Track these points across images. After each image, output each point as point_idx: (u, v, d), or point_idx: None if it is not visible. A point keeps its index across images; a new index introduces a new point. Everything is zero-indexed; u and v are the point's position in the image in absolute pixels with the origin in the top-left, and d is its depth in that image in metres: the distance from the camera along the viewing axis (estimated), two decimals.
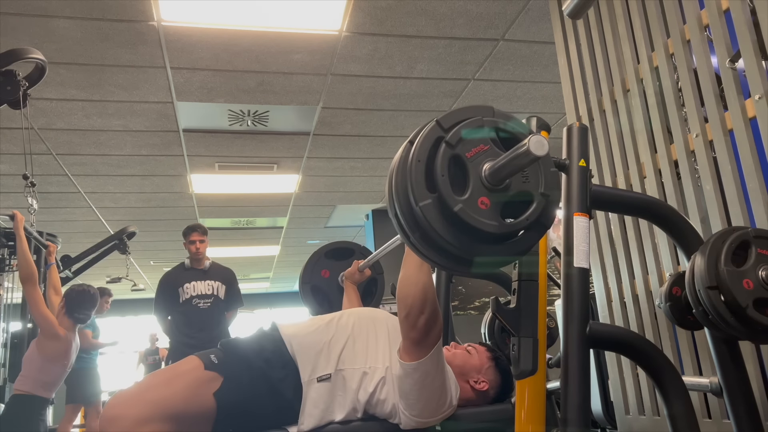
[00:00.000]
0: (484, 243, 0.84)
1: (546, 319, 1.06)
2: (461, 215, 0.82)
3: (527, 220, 0.86)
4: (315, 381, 1.52)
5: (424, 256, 0.89)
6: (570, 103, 2.21)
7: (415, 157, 0.85)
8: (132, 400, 1.40)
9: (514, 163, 0.81)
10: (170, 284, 4.37)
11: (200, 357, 1.51)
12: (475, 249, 0.84)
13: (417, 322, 1.44)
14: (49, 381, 3.22)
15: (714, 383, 1.34)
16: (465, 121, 0.87)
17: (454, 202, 0.82)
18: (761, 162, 1.44)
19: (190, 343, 4.12)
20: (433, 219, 0.82)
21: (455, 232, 0.83)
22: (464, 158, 0.85)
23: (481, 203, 0.83)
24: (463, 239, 0.84)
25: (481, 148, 0.86)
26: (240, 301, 4.55)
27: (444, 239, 0.83)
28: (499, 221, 0.84)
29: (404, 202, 0.85)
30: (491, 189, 0.84)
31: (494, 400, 1.72)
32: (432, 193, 0.83)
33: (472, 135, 0.86)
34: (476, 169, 0.85)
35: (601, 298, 2.02)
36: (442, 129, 0.87)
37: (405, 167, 0.86)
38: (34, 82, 2.86)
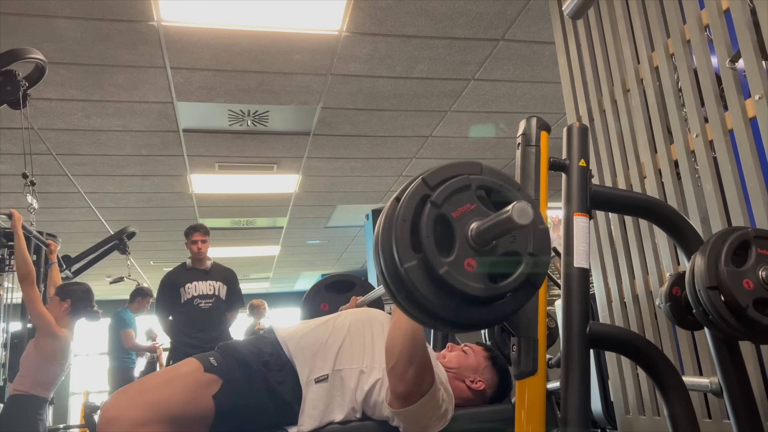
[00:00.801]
0: (471, 305, 0.82)
1: (546, 319, 1.06)
2: (447, 278, 0.79)
3: (515, 282, 0.83)
4: (313, 382, 1.52)
5: (411, 315, 0.87)
6: (570, 103, 2.21)
7: (401, 216, 0.82)
8: (130, 402, 1.39)
9: (498, 229, 0.79)
10: (172, 284, 4.38)
11: (200, 359, 1.51)
12: (461, 311, 0.82)
13: (405, 375, 1.40)
14: (47, 380, 3.22)
15: (714, 383, 1.34)
16: (451, 179, 0.85)
17: (440, 264, 0.80)
18: (761, 162, 1.44)
19: (192, 343, 4.13)
20: (418, 281, 0.80)
21: (441, 294, 0.81)
22: (450, 218, 0.82)
23: (468, 265, 0.81)
24: (449, 301, 0.81)
25: (468, 208, 0.84)
26: (241, 301, 4.56)
27: (429, 301, 0.81)
28: (485, 284, 0.82)
29: (389, 262, 0.83)
30: (478, 250, 0.82)
31: (492, 400, 1.72)
32: (417, 254, 0.81)
33: (458, 194, 0.84)
34: (462, 229, 0.82)
35: (601, 298, 2.02)
36: (428, 187, 0.84)
37: (390, 226, 0.84)
38: (34, 82, 2.86)
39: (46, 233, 4.32)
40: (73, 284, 3.49)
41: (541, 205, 1.10)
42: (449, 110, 4.38)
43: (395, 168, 5.61)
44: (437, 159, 5.40)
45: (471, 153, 5.31)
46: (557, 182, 1.20)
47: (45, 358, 3.20)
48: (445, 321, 0.85)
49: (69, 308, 3.32)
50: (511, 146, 5.04)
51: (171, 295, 4.35)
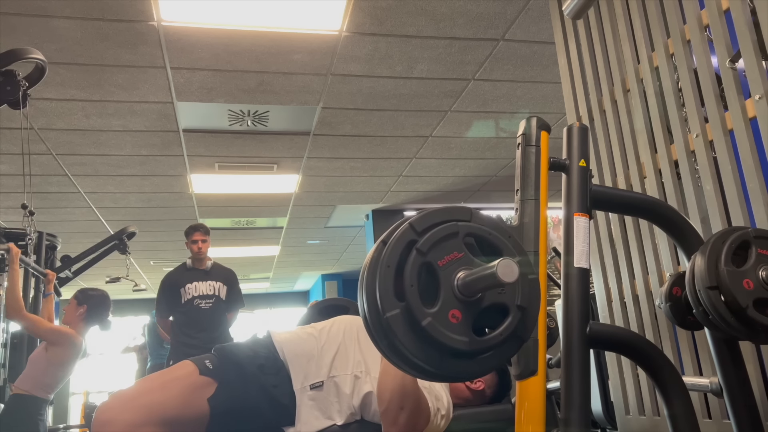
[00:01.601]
0: (454, 358, 0.80)
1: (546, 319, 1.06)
2: (429, 330, 0.77)
3: (500, 335, 0.80)
4: (308, 389, 1.51)
5: (393, 363, 0.85)
6: (570, 103, 2.20)
7: (385, 261, 0.80)
8: (125, 405, 1.39)
9: (483, 283, 0.77)
10: (172, 285, 4.38)
11: (195, 362, 1.51)
12: (444, 364, 0.79)
13: (397, 420, 1.38)
14: (51, 383, 3.22)
15: (714, 383, 1.34)
16: (439, 225, 0.82)
17: (423, 315, 0.77)
18: (761, 162, 1.44)
19: (192, 344, 4.13)
20: (400, 331, 0.78)
21: (423, 345, 0.78)
22: (436, 266, 0.80)
23: (452, 317, 0.78)
24: (431, 353, 0.79)
25: (455, 256, 0.81)
26: (241, 301, 4.56)
27: (411, 352, 0.78)
28: (470, 337, 0.79)
29: (372, 309, 0.81)
30: (464, 301, 0.79)
31: (492, 400, 1.72)
32: (401, 302, 0.78)
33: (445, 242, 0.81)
34: (448, 279, 0.80)
35: (601, 298, 2.02)
36: (415, 232, 0.81)
37: (375, 271, 0.81)
38: (34, 82, 2.86)
39: (46, 234, 4.32)
40: (92, 290, 3.45)
41: (541, 205, 1.10)
42: (449, 110, 4.38)
43: (395, 168, 5.61)
44: (437, 159, 5.40)
45: (471, 153, 5.32)
46: (557, 182, 1.20)
47: (55, 363, 3.19)
48: (427, 372, 0.82)
49: (84, 313, 3.30)
50: (511, 146, 5.05)
51: (171, 296, 4.35)
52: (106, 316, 3.40)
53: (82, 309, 3.29)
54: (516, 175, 1.13)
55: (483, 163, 5.59)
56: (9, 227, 4.39)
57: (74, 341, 3.22)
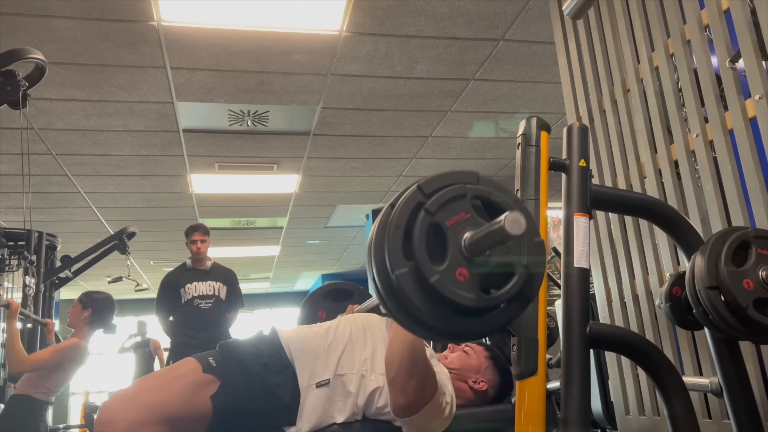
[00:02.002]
0: (462, 315, 0.81)
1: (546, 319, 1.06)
2: (437, 287, 0.78)
3: (507, 293, 0.82)
4: (314, 387, 1.51)
5: (401, 323, 0.86)
6: (570, 103, 2.20)
7: (394, 222, 0.82)
8: (128, 403, 1.38)
9: (491, 239, 0.79)
10: (172, 285, 4.38)
11: (198, 359, 1.51)
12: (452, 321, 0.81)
13: (406, 388, 1.39)
14: (52, 388, 3.23)
15: (714, 383, 1.34)
16: (447, 187, 0.84)
17: (431, 272, 0.78)
18: (761, 162, 1.44)
19: (192, 344, 4.12)
20: (409, 289, 0.79)
21: (431, 303, 0.80)
22: (444, 226, 0.81)
23: (459, 274, 0.80)
24: (440, 311, 0.80)
25: (462, 217, 0.83)
26: (241, 302, 4.55)
27: (419, 310, 0.80)
28: (477, 294, 0.80)
29: (381, 269, 0.82)
30: (470, 260, 0.81)
31: (494, 400, 1.72)
32: (409, 261, 0.80)
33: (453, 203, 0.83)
34: (456, 239, 0.81)
35: (601, 298, 2.02)
36: (423, 194, 0.83)
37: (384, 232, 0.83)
38: (34, 82, 2.86)
39: (46, 234, 4.32)
40: (97, 293, 3.43)
41: (541, 205, 1.10)
42: (449, 110, 4.38)
43: (395, 168, 5.61)
44: (437, 159, 5.40)
45: (471, 153, 5.32)
46: (557, 182, 1.20)
47: (59, 370, 3.19)
48: (435, 330, 0.83)
49: (89, 317, 3.29)
50: (511, 146, 5.04)
51: (171, 296, 4.35)
52: (110, 320, 3.39)
53: (87, 313, 3.29)
54: (516, 175, 1.13)
55: (483, 163, 5.60)
56: (9, 227, 4.40)
57: (80, 350, 3.23)
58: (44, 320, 3.62)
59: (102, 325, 3.37)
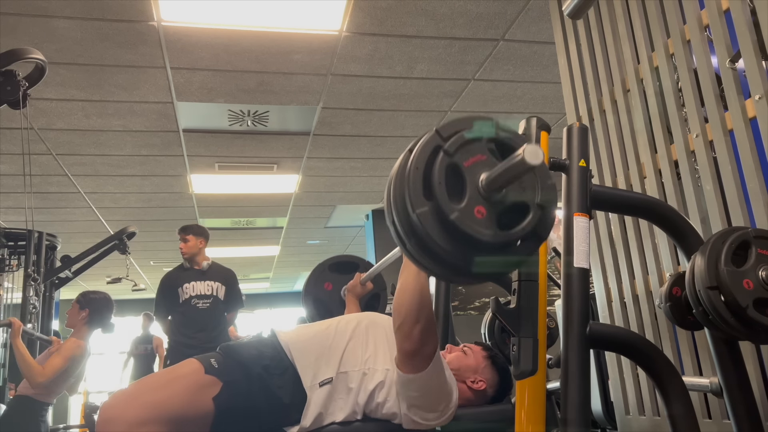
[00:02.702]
0: (480, 252, 0.84)
1: (546, 319, 1.06)
2: (457, 223, 0.81)
3: (523, 230, 0.85)
4: (317, 386, 1.52)
5: (420, 264, 0.89)
6: (570, 103, 2.20)
7: (414, 164, 0.85)
8: (129, 402, 1.39)
9: (510, 173, 0.81)
10: (170, 284, 4.37)
11: (200, 360, 1.51)
12: (470, 258, 0.84)
13: (412, 332, 1.42)
14: (54, 389, 3.23)
15: (714, 383, 1.34)
16: (463, 130, 0.88)
17: (451, 210, 0.82)
18: (761, 162, 1.44)
19: (189, 344, 4.11)
20: (430, 226, 0.82)
21: (451, 240, 0.83)
22: (461, 167, 0.85)
23: (478, 212, 0.83)
24: (459, 247, 0.83)
25: (479, 158, 0.86)
26: (240, 302, 4.53)
27: (440, 247, 0.83)
28: (494, 230, 0.84)
29: (401, 209, 0.85)
30: (487, 198, 0.84)
31: (493, 399, 1.72)
32: (429, 201, 0.83)
33: (470, 145, 0.86)
34: (473, 179, 0.85)
35: (601, 298, 2.02)
36: (440, 137, 0.86)
37: (403, 174, 0.86)
38: (34, 82, 2.86)
39: (46, 234, 4.32)
40: (93, 293, 3.43)
41: None
42: (449, 110, 4.38)
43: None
44: None
45: None
46: (557, 182, 1.20)
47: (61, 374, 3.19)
48: (454, 267, 0.86)
49: (87, 317, 3.29)
50: None
51: (170, 295, 4.34)
52: (108, 319, 3.39)
53: (84, 313, 3.29)
54: None
55: None
56: (9, 227, 4.39)
57: (82, 351, 3.23)
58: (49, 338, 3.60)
59: (100, 325, 3.36)
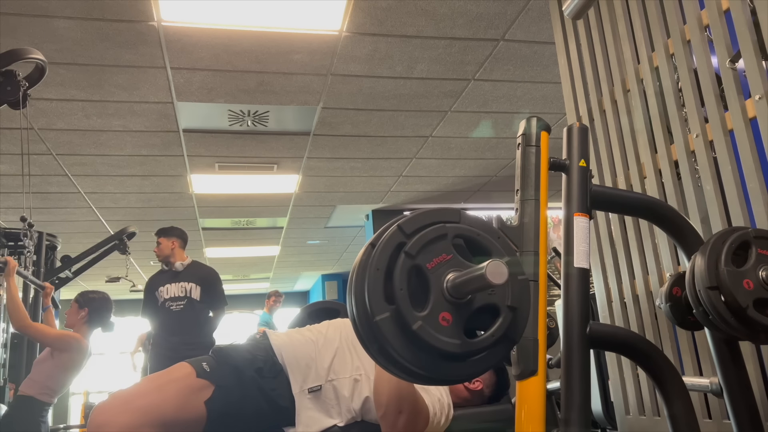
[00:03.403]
0: (446, 360, 0.79)
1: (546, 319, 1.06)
2: (420, 334, 0.76)
3: (492, 336, 0.80)
4: (306, 392, 1.51)
5: (383, 366, 0.84)
6: (570, 103, 2.20)
7: (374, 264, 0.79)
8: (121, 407, 1.39)
9: (473, 285, 0.77)
10: (150, 288, 4.31)
11: (192, 364, 1.51)
12: (434, 367, 0.79)
13: (396, 423, 1.39)
14: (55, 388, 3.22)
15: (714, 383, 1.34)
16: (427, 227, 0.82)
17: (413, 318, 0.76)
18: (761, 162, 1.44)
19: (167, 346, 4.01)
20: (390, 335, 0.77)
21: (414, 348, 0.77)
22: (425, 269, 0.79)
23: (443, 319, 0.78)
24: (423, 357, 0.78)
25: (443, 258, 0.80)
26: (221, 301, 4.35)
27: (401, 356, 0.78)
28: (461, 339, 0.78)
29: (362, 313, 0.80)
30: (454, 303, 0.79)
31: (491, 399, 1.72)
32: (390, 305, 0.78)
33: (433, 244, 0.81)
34: (438, 281, 0.79)
35: (601, 298, 2.02)
36: (403, 234, 0.81)
37: (363, 274, 0.80)
38: (34, 83, 2.86)
39: (46, 234, 4.32)
40: (93, 292, 3.44)
41: (541, 205, 1.10)
42: (449, 110, 4.38)
43: (395, 168, 5.61)
44: (437, 159, 5.40)
45: (471, 153, 5.32)
46: (557, 182, 1.19)
47: (61, 368, 3.19)
48: (419, 376, 0.81)
49: (86, 317, 3.29)
50: (511, 146, 5.05)
51: (150, 299, 4.27)
52: (108, 318, 3.40)
53: (83, 312, 3.29)
54: (516, 176, 1.13)
55: (483, 163, 5.60)
56: (9, 227, 4.39)
57: (81, 345, 3.22)
58: (42, 283, 3.64)
59: (100, 324, 3.37)
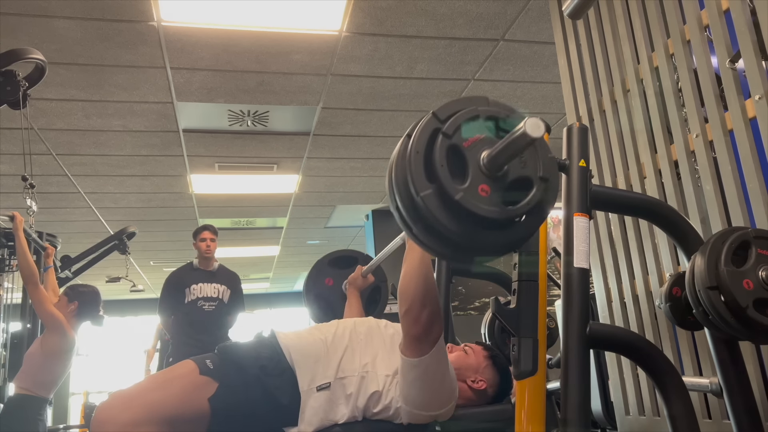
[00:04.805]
0: (487, 230, 0.85)
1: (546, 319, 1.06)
2: (463, 203, 0.82)
3: (528, 204, 0.85)
4: (314, 390, 1.52)
5: (428, 246, 0.89)
6: (570, 104, 2.20)
7: (414, 148, 0.85)
8: (125, 404, 1.39)
9: (512, 148, 0.81)
10: (177, 283, 4.34)
11: (196, 361, 1.51)
12: (477, 236, 0.84)
13: (420, 317, 1.44)
14: (48, 380, 3.22)
15: (714, 383, 1.34)
16: (460, 111, 0.88)
17: (455, 190, 0.82)
18: (761, 162, 1.44)
19: (192, 344, 4.09)
20: (435, 208, 0.82)
21: (457, 220, 0.83)
22: (462, 148, 0.85)
23: (482, 191, 0.83)
24: (466, 227, 0.83)
25: (478, 137, 0.86)
26: (242, 306, 4.51)
27: (446, 228, 0.83)
28: (500, 207, 0.84)
29: (405, 194, 0.85)
30: (490, 176, 0.85)
31: (494, 399, 1.72)
32: (432, 183, 0.83)
33: (468, 125, 0.86)
34: (474, 158, 0.85)
35: (601, 299, 2.02)
36: (438, 120, 0.87)
37: (404, 159, 0.86)
38: (34, 83, 2.86)
39: (46, 234, 4.32)
40: (82, 286, 3.48)
41: None
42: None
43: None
44: None
45: None
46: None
47: (50, 356, 3.20)
48: (462, 247, 0.86)
49: (76, 310, 3.31)
50: None
51: (176, 294, 4.30)
52: (97, 312, 3.42)
53: (73, 306, 3.32)
54: None
55: None
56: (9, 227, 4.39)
57: (67, 331, 3.23)
58: (44, 244, 3.69)
59: (89, 317, 3.39)
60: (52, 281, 3.64)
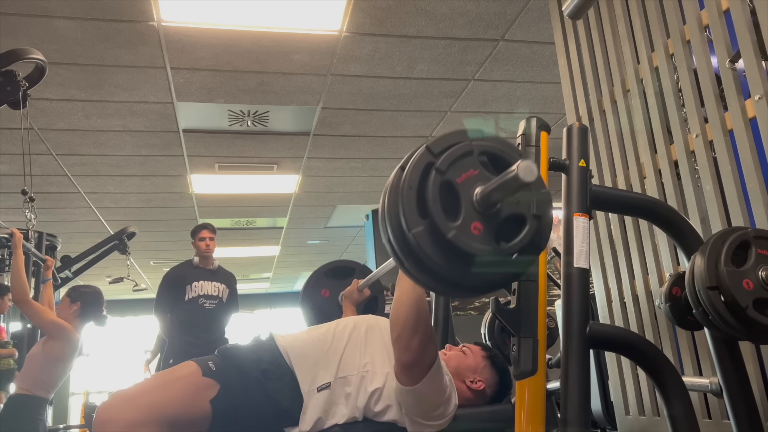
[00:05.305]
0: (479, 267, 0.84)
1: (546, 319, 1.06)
2: (455, 241, 0.81)
3: (521, 242, 0.85)
4: (315, 391, 1.52)
5: (418, 280, 0.89)
6: (570, 104, 2.21)
7: (406, 183, 0.85)
8: (126, 404, 1.39)
9: (504, 189, 0.81)
10: (177, 280, 4.31)
11: (198, 363, 1.51)
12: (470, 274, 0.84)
13: (410, 344, 1.41)
14: (49, 381, 3.22)
15: (714, 383, 1.34)
16: (454, 146, 0.87)
17: (447, 228, 0.81)
18: (761, 162, 1.44)
19: (195, 343, 4.07)
20: (426, 245, 0.82)
21: (449, 258, 0.83)
22: (455, 184, 0.85)
23: (474, 228, 0.83)
24: (457, 265, 0.83)
25: (471, 173, 0.86)
26: (237, 306, 4.51)
27: (438, 265, 0.83)
28: (492, 245, 0.84)
29: (397, 229, 0.85)
30: (483, 213, 0.84)
31: (493, 399, 1.72)
32: (424, 219, 0.83)
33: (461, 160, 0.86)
34: (467, 194, 0.85)
35: (601, 298, 2.02)
36: (432, 154, 0.86)
37: (396, 194, 0.86)
38: (34, 83, 2.86)
39: (46, 234, 4.33)
40: (84, 287, 3.46)
41: None
42: (449, 110, 4.38)
43: (395, 168, 5.60)
44: None
45: None
46: (557, 182, 1.20)
47: (52, 359, 3.19)
48: (454, 284, 0.86)
49: (78, 311, 3.30)
50: None
51: (175, 291, 4.27)
52: (100, 312, 3.41)
53: (75, 306, 3.31)
54: None
55: None
56: None
57: (71, 336, 3.22)
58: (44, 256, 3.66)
59: (92, 318, 3.38)
60: (49, 295, 3.57)
